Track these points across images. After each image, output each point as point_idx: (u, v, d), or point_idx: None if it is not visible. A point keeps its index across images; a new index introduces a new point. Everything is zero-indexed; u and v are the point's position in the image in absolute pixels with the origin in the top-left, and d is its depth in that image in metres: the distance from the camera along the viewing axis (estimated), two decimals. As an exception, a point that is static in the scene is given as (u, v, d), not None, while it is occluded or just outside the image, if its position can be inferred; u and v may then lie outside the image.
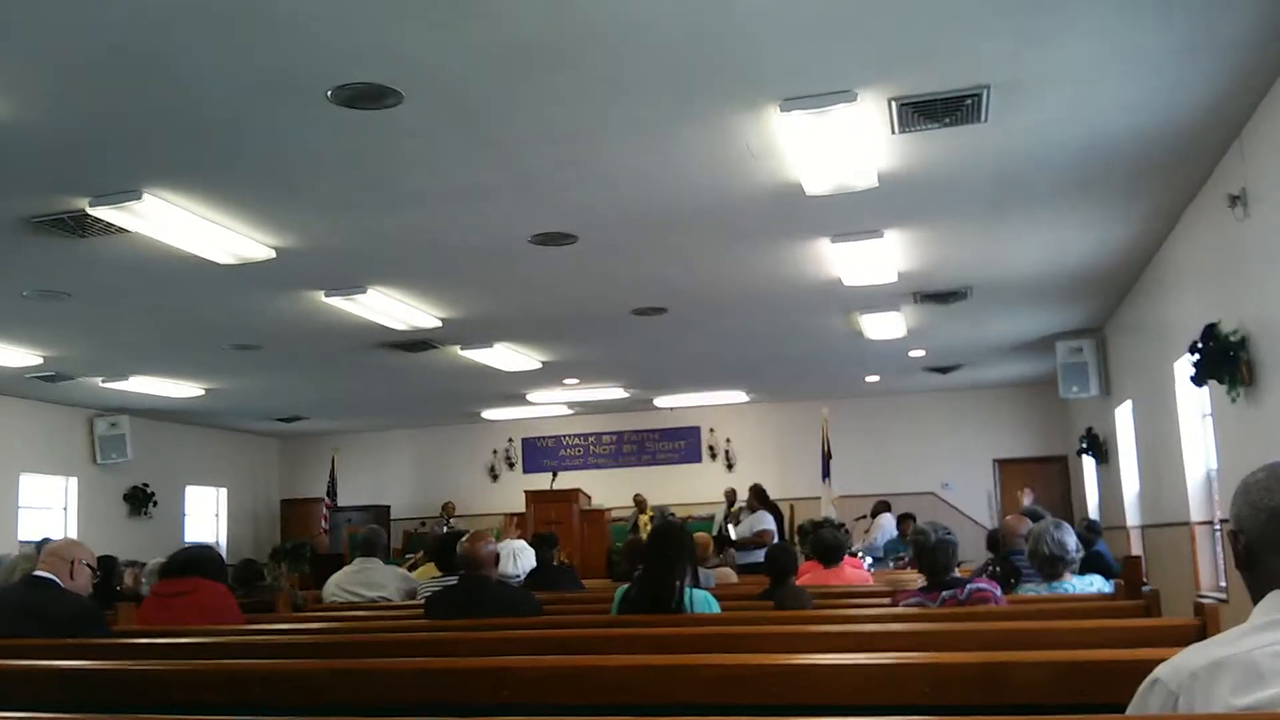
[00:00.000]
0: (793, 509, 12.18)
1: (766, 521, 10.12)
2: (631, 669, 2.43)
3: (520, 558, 7.47)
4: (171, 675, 2.80)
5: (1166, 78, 4.77)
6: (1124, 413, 9.96)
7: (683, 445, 16.01)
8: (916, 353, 11.76)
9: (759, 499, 10.53)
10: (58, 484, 13.09)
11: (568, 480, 13.40)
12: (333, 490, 15.40)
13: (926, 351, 11.73)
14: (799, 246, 7.31)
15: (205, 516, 15.93)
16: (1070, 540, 4.42)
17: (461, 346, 10.34)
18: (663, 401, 14.85)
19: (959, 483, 14.60)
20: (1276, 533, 1.63)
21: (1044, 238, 7.34)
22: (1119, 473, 10.37)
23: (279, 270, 7.24)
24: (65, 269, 7.16)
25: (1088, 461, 12.29)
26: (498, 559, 4.63)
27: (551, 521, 11.60)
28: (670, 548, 4.10)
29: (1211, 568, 7.45)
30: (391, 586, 5.87)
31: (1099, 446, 11.29)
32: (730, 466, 15.54)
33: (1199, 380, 6.11)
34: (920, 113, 4.99)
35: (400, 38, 4.14)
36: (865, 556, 9.59)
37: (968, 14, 4.12)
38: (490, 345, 10.35)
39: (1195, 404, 7.42)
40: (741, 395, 14.66)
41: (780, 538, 9.92)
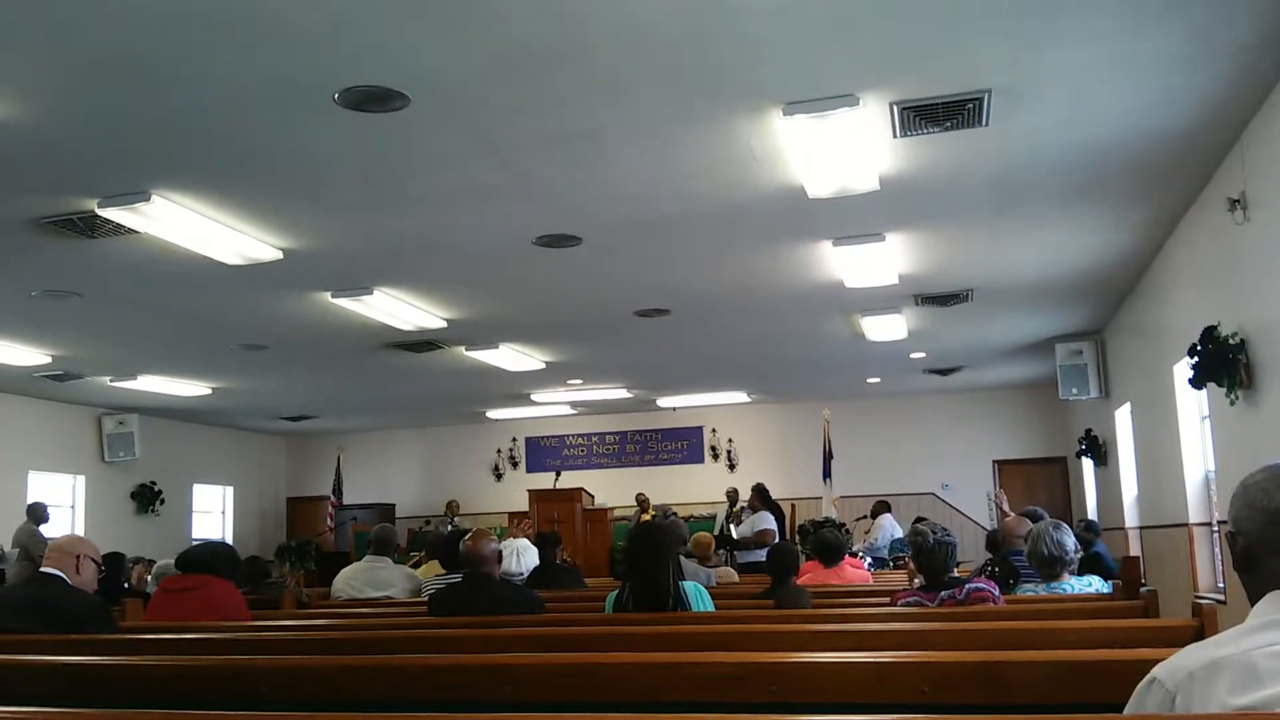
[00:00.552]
0: (794, 509, 12.20)
1: (768, 521, 10.15)
2: (632, 666, 2.44)
3: (524, 556, 7.50)
4: (177, 671, 2.82)
5: (1166, 82, 4.80)
6: (1123, 415, 9.98)
7: (685, 445, 16.04)
8: (917, 354, 11.78)
9: (761, 499, 10.54)
10: (66, 482, 13.14)
11: (571, 480, 13.44)
12: (338, 489, 15.43)
13: (927, 353, 11.75)
14: (801, 249, 7.35)
15: (212, 514, 15.99)
16: (1069, 541, 4.45)
17: (466, 347, 10.38)
18: (665, 402, 14.87)
19: (959, 484, 14.62)
20: (1275, 534, 1.63)
21: (1045, 241, 7.37)
22: (1118, 474, 10.38)
23: (286, 271, 7.29)
24: (74, 269, 7.21)
25: (1087, 463, 12.31)
26: (500, 557, 4.65)
27: (555, 521, 11.65)
28: (649, 551, 4.03)
29: (1210, 569, 7.47)
30: (399, 585, 5.91)
31: (1098, 448, 11.31)
32: (732, 467, 15.56)
33: (1198, 383, 6.13)
34: (922, 116, 5.02)
35: (406, 41, 4.18)
36: (865, 556, 9.62)
37: (969, 18, 4.16)
38: (495, 346, 10.39)
39: (1194, 406, 7.45)
40: (743, 396, 14.69)
41: (782, 537, 9.95)
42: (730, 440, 15.80)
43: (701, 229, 6.84)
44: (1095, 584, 4.55)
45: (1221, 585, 7.14)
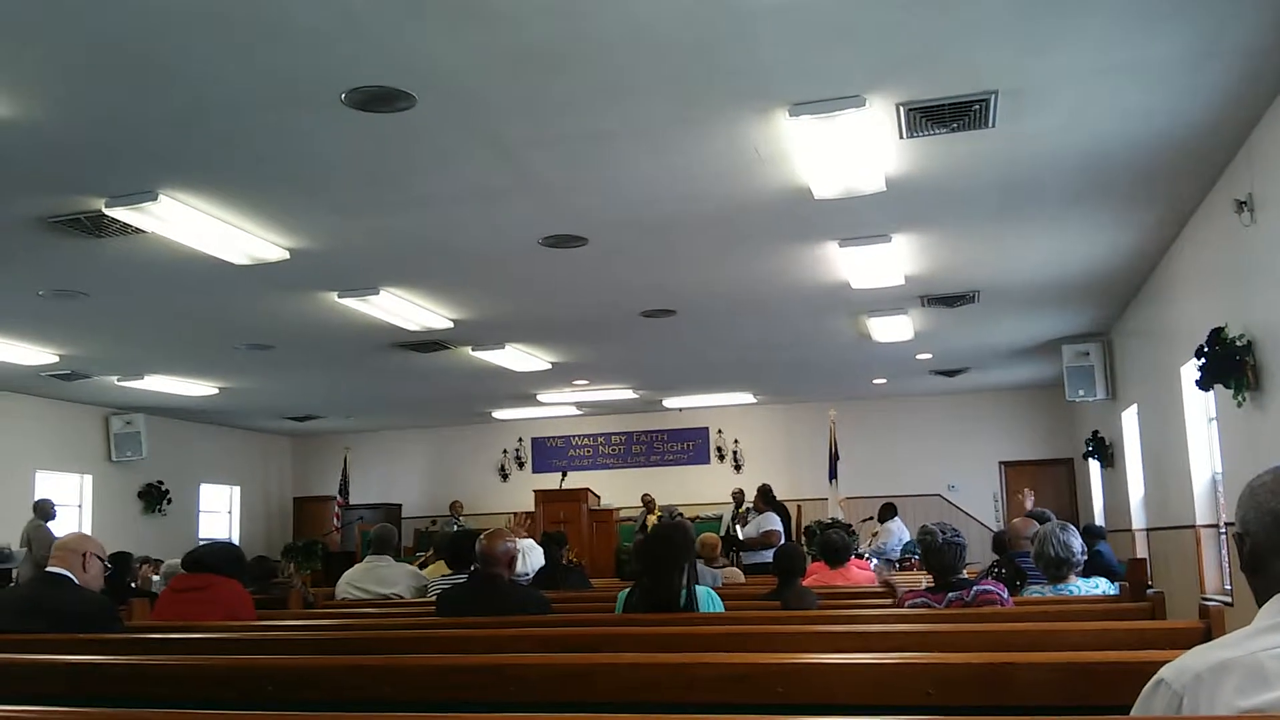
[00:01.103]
0: (800, 510, 12.21)
1: (773, 522, 10.15)
2: (638, 667, 2.44)
3: (529, 556, 7.50)
4: (183, 670, 2.82)
5: (1174, 84, 4.79)
6: (1130, 416, 9.95)
7: (691, 446, 16.03)
8: (923, 356, 11.77)
9: (766, 500, 10.55)
10: (73, 481, 13.18)
11: (577, 480, 13.47)
12: (345, 489, 15.48)
13: (933, 354, 11.74)
14: (807, 250, 7.35)
15: (219, 514, 16.03)
16: (1076, 542, 4.44)
17: (473, 347, 10.39)
18: (671, 403, 14.87)
19: (965, 485, 14.60)
20: None
21: (1051, 242, 7.36)
22: (1125, 476, 10.35)
23: (293, 271, 7.31)
24: (82, 269, 7.23)
25: (1093, 465, 12.28)
26: (513, 559, 4.64)
27: (560, 521, 11.66)
28: (669, 551, 4.05)
29: (1216, 571, 7.45)
30: (403, 584, 5.91)
31: (1105, 450, 11.28)
32: (738, 467, 15.56)
33: (1205, 384, 6.12)
34: (928, 118, 5.02)
35: (413, 42, 4.19)
36: (872, 559, 9.62)
37: (975, 20, 4.15)
38: (501, 346, 10.40)
39: (1201, 408, 7.42)
40: (749, 397, 14.68)
41: (787, 538, 9.95)
42: (736, 441, 15.80)
43: (708, 229, 6.84)
44: (1102, 586, 4.55)
45: (1228, 587, 7.12)
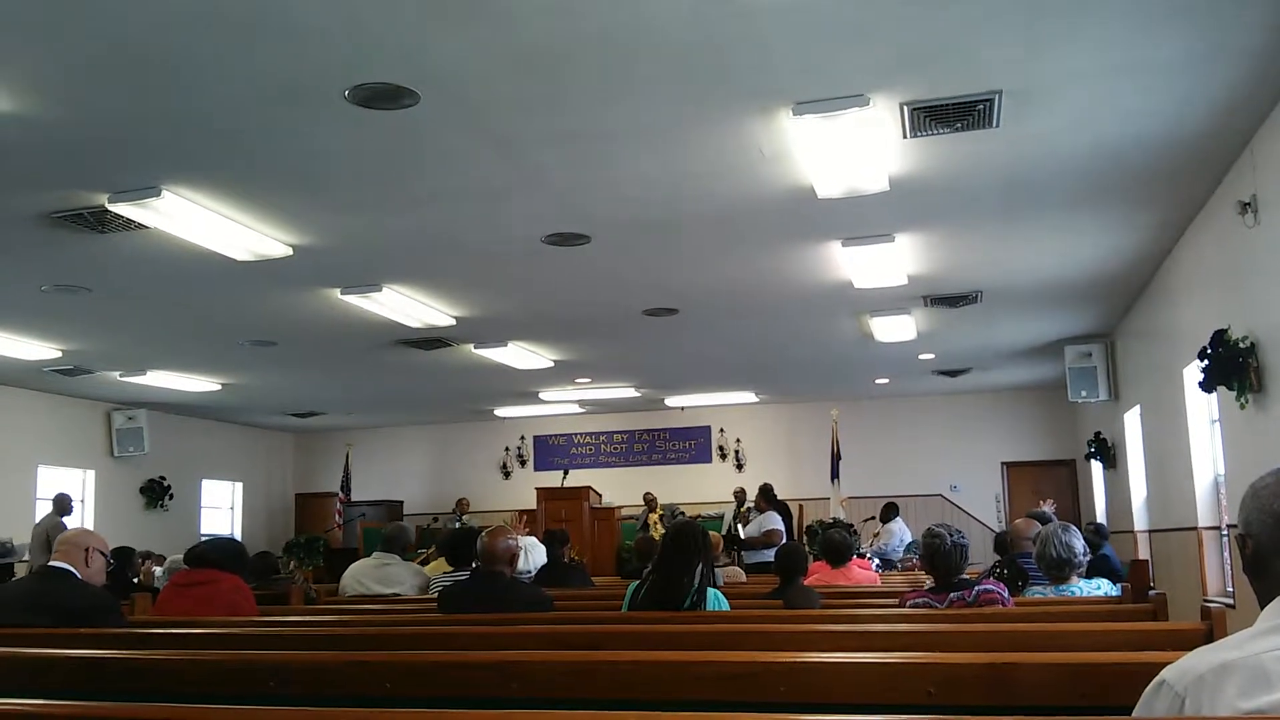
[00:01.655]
0: (802, 509, 12.19)
1: (775, 522, 10.14)
2: (639, 665, 2.44)
3: (531, 554, 7.51)
4: (185, 665, 2.83)
5: (1177, 85, 4.79)
6: (1132, 418, 9.95)
7: (693, 445, 16.03)
8: (926, 356, 11.77)
9: (767, 499, 10.54)
10: (75, 476, 13.17)
11: (578, 478, 13.47)
12: (347, 485, 15.48)
13: (936, 355, 11.73)
14: (810, 249, 7.34)
15: (221, 510, 16.04)
16: (1078, 543, 4.43)
17: (475, 345, 10.39)
18: (673, 401, 14.87)
19: (967, 485, 14.60)
20: None
21: (1054, 243, 7.35)
22: (1127, 477, 10.35)
23: (296, 268, 7.31)
24: (85, 264, 7.24)
25: (1095, 466, 12.28)
26: (515, 556, 4.64)
27: (562, 519, 11.66)
28: (687, 548, 4.06)
29: (1219, 572, 7.44)
30: (407, 583, 5.91)
31: (1107, 451, 11.28)
32: (740, 466, 15.55)
33: (1208, 386, 6.12)
34: (932, 117, 5.02)
35: (417, 39, 4.19)
36: (874, 559, 9.62)
37: (979, 20, 4.15)
38: (503, 344, 10.40)
39: (1204, 409, 7.42)
40: (751, 396, 14.68)
41: (789, 538, 9.95)
42: (738, 440, 15.79)
43: (711, 228, 6.84)
44: (1103, 587, 4.54)
45: (1230, 589, 7.11)
